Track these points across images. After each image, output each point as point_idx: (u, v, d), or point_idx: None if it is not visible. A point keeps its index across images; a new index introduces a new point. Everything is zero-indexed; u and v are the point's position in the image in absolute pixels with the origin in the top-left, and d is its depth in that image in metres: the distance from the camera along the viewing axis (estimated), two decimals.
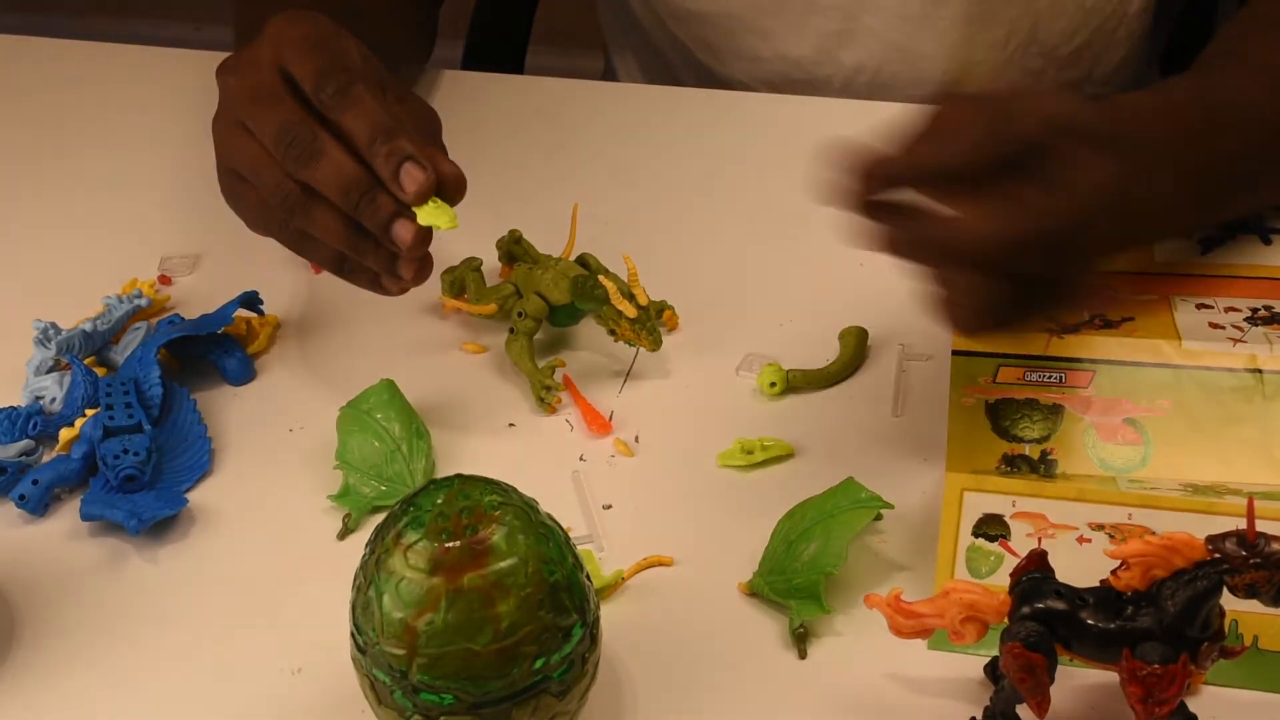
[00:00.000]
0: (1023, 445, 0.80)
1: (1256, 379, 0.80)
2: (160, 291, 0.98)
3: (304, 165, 0.78)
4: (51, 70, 1.22)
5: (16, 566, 0.81)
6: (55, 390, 0.89)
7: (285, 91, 0.80)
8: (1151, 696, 0.65)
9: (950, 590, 0.68)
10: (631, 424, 0.88)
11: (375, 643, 0.65)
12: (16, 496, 0.83)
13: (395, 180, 0.77)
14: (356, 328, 0.96)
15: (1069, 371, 0.82)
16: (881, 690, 0.73)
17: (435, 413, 0.88)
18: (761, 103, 1.14)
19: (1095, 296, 0.83)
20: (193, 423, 0.88)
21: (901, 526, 0.80)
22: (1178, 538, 0.65)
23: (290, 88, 0.80)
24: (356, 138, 0.78)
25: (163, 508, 0.82)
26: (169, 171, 1.10)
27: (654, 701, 0.73)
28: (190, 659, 0.76)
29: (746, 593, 0.78)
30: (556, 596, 0.65)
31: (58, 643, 0.77)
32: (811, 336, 0.92)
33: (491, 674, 0.64)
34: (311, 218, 0.80)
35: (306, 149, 0.78)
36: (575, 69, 1.21)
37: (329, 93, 0.78)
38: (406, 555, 0.64)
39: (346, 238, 0.80)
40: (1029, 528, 0.75)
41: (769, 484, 0.84)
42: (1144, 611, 0.65)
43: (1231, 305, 0.86)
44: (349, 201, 0.78)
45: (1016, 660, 0.66)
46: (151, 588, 0.80)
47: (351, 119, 0.78)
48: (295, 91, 0.80)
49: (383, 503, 0.82)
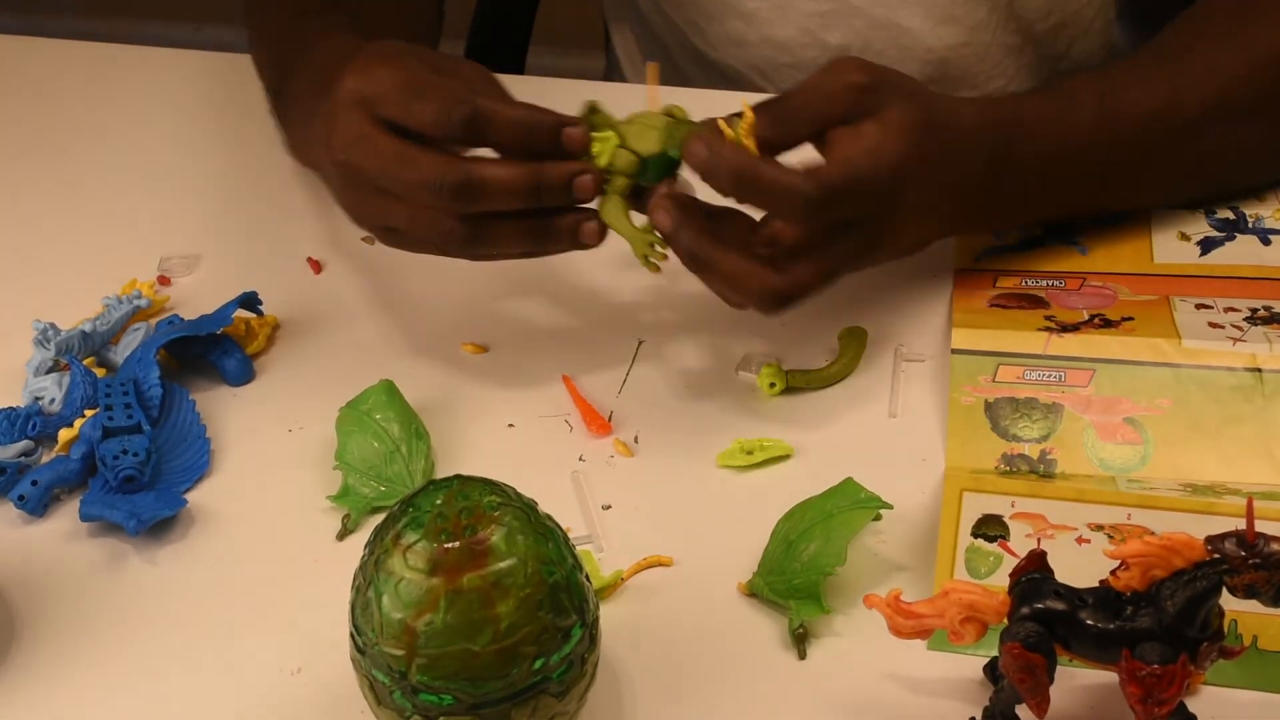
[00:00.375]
0: (1022, 445, 0.80)
1: (1256, 378, 0.80)
2: (159, 292, 0.98)
3: (472, 203, 0.80)
4: (51, 70, 1.22)
5: (16, 567, 0.81)
6: (54, 391, 0.89)
7: (411, 148, 0.81)
8: (1151, 697, 0.65)
9: (949, 590, 0.68)
10: (631, 424, 0.88)
11: (375, 643, 0.65)
12: (16, 497, 0.83)
13: (559, 149, 0.81)
14: (356, 328, 0.96)
15: (1069, 370, 0.82)
16: (881, 690, 0.73)
17: (435, 413, 0.88)
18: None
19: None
20: (192, 423, 0.88)
21: (901, 527, 0.80)
22: (1177, 538, 0.65)
23: (405, 134, 0.81)
24: (504, 145, 0.81)
25: (162, 508, 0.82)
26: (168, 172, 1.10)
27: (653, 702, 0.73)
28: (190, 659, 0.76)
29: (746, 593, 0.78)
30: (556, 597, 0.65)
31: (57, 643, 0.77)
32: (811, 337, 0.92)
33: (491, 674, 0.64)
34: (491, 239, 0.82)
35: (463, 189, 0.79)
36: (575, 69, 1.21)
37: (458, 127, 0.80)
38: (406, 556, 0.64)
39: (530, 236, 0.83)
40: (1028, 528, 0.75)
41: (769, 484, 0.84)
42: (1143, 612, 0.65)
43: (1231, 305, 0.86)
44: (532, 199, 0.81)
45: (1016, 660, 0.66)
46: (151, 588, 0.80)
47: (488, 131, 0.80)
48: (410, 134, 0.81)
49: (382, 503, 0.82)
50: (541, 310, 0.95)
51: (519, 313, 0.96)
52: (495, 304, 0.96)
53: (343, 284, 0.99)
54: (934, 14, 1.09)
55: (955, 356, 0.85)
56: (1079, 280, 0.90)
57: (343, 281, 0.99)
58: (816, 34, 1.12)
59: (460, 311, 0.96)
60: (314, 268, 1.00)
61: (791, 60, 1.14)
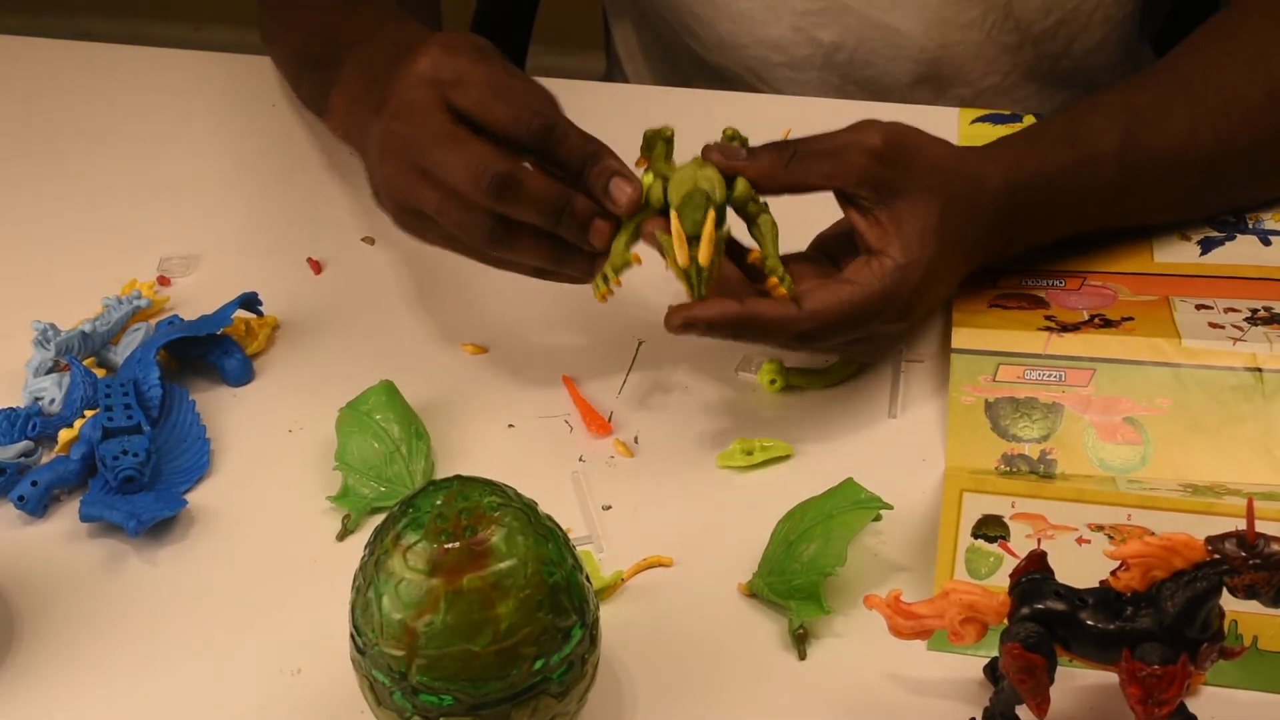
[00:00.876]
0: (1022, 445, 0.80)
1: (1256, 378, 0.80)
2: (159, 292, 0.98)
3: (505, 201, 0.80)
4: (51, 70, 1.22)
5: (16, 567, 0.81)
6: (54, 391, 0.89)
7: (469, 136, 0.81)
8: (1151, 697, 0.65)
9: (950, 591, 0.68)
10: (631, 424, 0.88)
11: (375, 644, 0.65)
12: (16, 497, 0.83)
13: (606, 194, 0.82)
14: (356, 328, 0.96)
15: (1069, 370, 0.82)
16: (881, 691, 0.73)
17: (435, 413, 0.88)
18: (763, 102, 1.14)
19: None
20: (192, 424, 0.88)
21: (901, 527, 0.80)
22: (1177, 539, 0.64)
23: (466, 123, 0.81)
24: (568, 164, 0.82)
25: (162, 509, 0.82)
26: (168, 172, 1.10)
27: (653, 702, 0.73)
28: (189, 660, 0.76)
29: (746, 593, 0.78)
30: (556, 597, 0.65)
31: (57, 643, 0.77)
32: None
33: (491, 675, 0.64)
34: (513, 244, 0.82)
35: (505, 186, 0.80)
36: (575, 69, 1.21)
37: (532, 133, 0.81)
38: (406, 556, 0.64)
39: (549, 253, 0.83)
40: (1028, 528, 0.75)
41: (769, 484, 0.84)
42: (1143, 612, 0.65)
43: (1231, 306, 0.85)
44: (552, 221, 0.81)
45: (1016, 661, 0.66)
46: (151, 589, 0.80)
47: (557, 148, 0.81)
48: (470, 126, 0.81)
49: (382, 504, 0.82)
50: (541, 310, 0.95)
51: (519, 313, 0.96)
52: (495, 304, 0.96)
53: (343, 284, 0.99)
54: (926, 14, 1.09)
55: (955, 356, 0.85)
56: (1079, 280, 0.90)
57: (343, 281, 0.99)
58: (810, 32, 1.12)
59: (460, 311, 0.96)
60: (314, 268, 1.00)
61: (785, 59, 1.14)
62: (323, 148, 1.10)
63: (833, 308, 0.81)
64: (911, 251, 0.82)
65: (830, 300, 0.81)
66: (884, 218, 0.82)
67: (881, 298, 0.82)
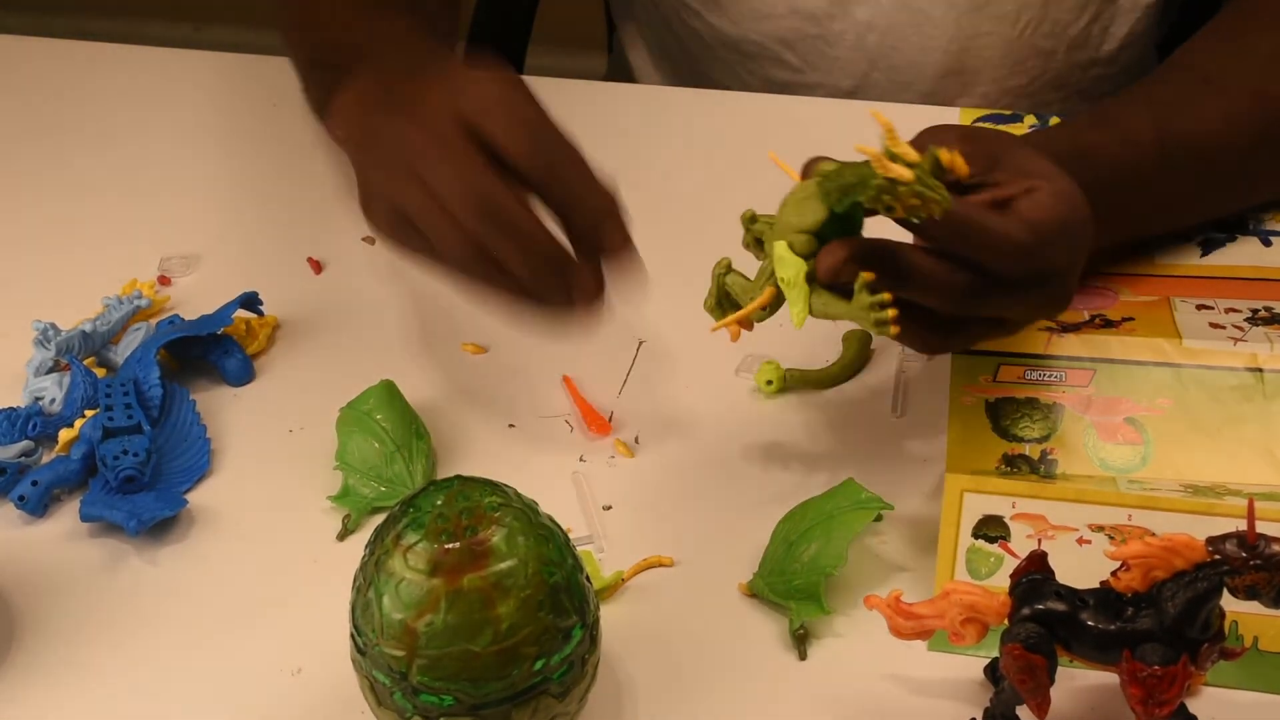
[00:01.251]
0: (1023, 445, 0.80)
1: (1257, 378, 0.80)
2: (160, 292, 0.98)
3: (486, 221, 0.76)
4: (51, 70, 1.22)
5: (16, 567, 0.81)
6: (55, 391, 0.89)
7: (477, 155, 0.77)
8: (1152, 698, 0.65)
9: (950, 591, 0.68)
10: (631, 425, 0.88)
11: (375, 644, 0.65)
12: (16, 497, 0.83)
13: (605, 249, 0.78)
14: (356, 328, 0.96)
15: (1069, 370, 0.82)
16: (881, 691, 0.73)
17: (435, 413, 0.88)
18: (764, 102, 1.14)
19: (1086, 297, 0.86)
20: (192, 423, 0.88)
21: (901, 527, 0.80)
22: (1178, 539, 0.64)
23: (480, 148, 0.78)
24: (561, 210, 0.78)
25: (162, 508, 0.82)
26: (168, 172, 1.10)
27: (654, 703, 0.73)
28: (189, 660, 0.76)
29: (746, 593, 0.78)
30: (556, 598, 0.65)
31: (57, 643, 0.77)
32: (812, 337, 0.91)
33: (491, 675, 0.64)
34: (492, 277, 0.78)
35: (490, 204, 0.76)
36: (575, 69, 1.21)
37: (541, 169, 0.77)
38: (406, 556, 0.64)
39: (526, 294, 0.78)
40: (1029, 529, 0.75)
41: (769, 484, 0.84)
42: (1144, 613, 0.65)
43: (1232, 306, 0.85)
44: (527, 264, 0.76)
45: (1017, 661, 0.66)
46: (151, 588, 0.80)
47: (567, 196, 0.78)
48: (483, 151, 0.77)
49: (382, 504, 0.82)
50: None
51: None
52: None
53: (343, 284, 0.99)
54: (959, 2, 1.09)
55: (956, 356, 0.84)
56: None
57: (343, 281, 0.99)
58: (846, 5, 1.12)
59: (460, 311, 0.95)
60: (314, 268, 1.00)
61: (818, 31, 1.14)
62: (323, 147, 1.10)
63: (1050, 217, 0.72)
64: (1063, 176, 0.74)
65: (1039, 211, 0.72)
66: (1006, 176, 0.74)
67: (1070, 211, 0.73)
